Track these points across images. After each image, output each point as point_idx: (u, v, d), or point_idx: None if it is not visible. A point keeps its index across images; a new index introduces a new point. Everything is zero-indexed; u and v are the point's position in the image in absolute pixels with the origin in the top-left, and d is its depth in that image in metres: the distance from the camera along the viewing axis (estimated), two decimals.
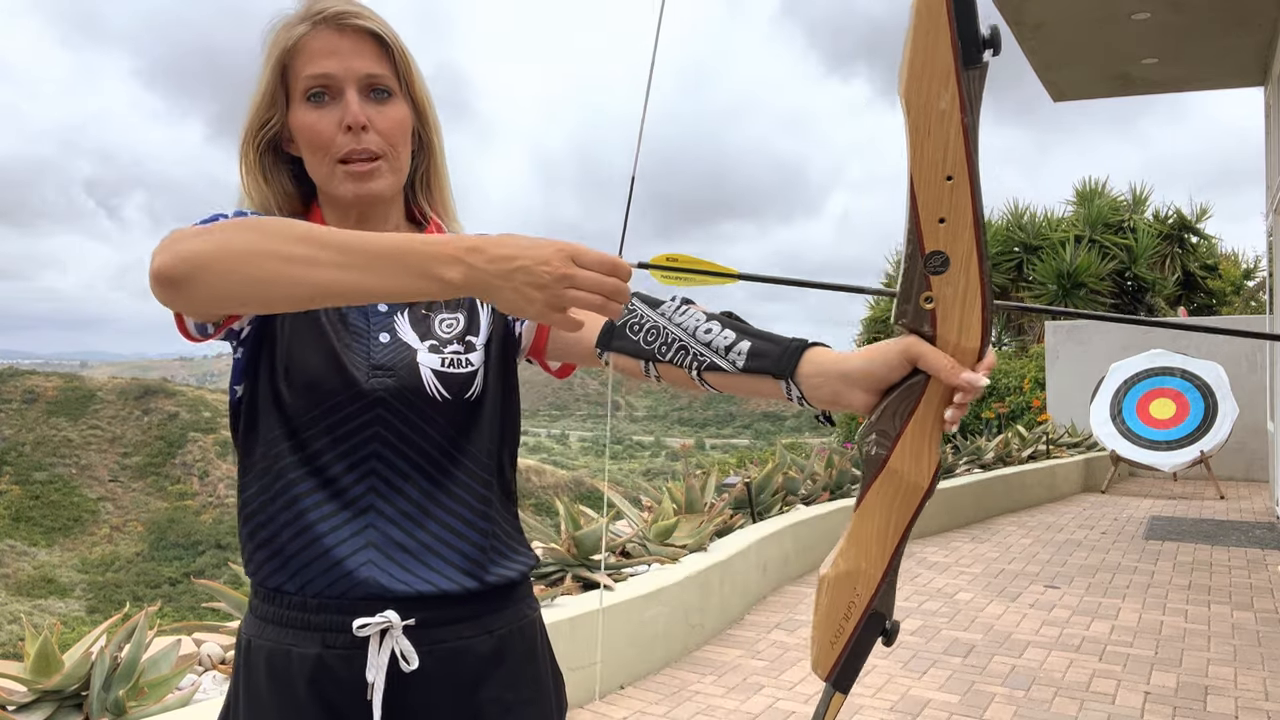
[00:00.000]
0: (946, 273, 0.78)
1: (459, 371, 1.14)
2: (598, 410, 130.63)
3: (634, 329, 1.12)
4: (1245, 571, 6.17)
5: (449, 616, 1.12)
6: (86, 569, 49.89)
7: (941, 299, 0.79)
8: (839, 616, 0.87)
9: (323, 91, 1.12)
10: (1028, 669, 4.25)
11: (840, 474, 7.24)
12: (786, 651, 4.49)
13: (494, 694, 1.15)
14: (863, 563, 0.86)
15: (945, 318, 0.80)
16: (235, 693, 1.16)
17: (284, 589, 1.11)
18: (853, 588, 0.87)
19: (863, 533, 0.86)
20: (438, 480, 1.12)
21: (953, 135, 0.75)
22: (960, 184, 0.76)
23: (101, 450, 63.06)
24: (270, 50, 1.14)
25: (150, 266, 0.91)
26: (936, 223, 0.77)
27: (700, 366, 1.06)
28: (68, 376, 73.85)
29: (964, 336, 0.81)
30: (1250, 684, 4.05)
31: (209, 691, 2.83)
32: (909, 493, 0.85)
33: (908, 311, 0.81)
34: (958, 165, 0.76)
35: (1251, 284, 15.49)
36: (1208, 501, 9.25)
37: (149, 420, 65.89)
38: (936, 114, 0.75)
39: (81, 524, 56.05)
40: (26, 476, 58.57)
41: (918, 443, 0.85)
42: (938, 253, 0.78)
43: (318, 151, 1.13)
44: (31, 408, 64.77)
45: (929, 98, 0.75)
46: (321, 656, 1.09)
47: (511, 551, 1.19)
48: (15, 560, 48.16)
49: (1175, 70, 8.46)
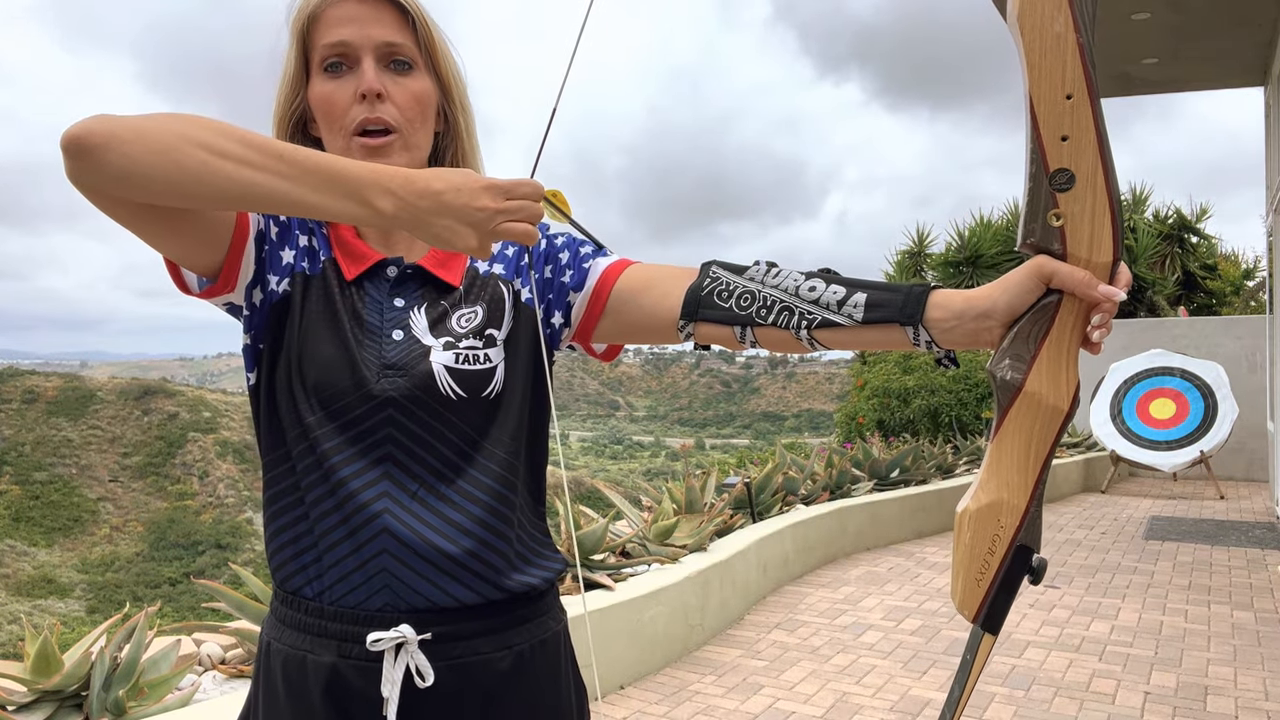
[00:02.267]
0: (1073, 189, 0.78)
1: (475, 368, 1.08)
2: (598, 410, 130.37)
3: (723, 296, 1.06)
4: (1245, 571, 6.17)
5: (467, 630, 1.07)
6: (86, 569, 49.89)
7: (1070, 215, 0.79)
8: (983, 551, 0.84)
9: (340, 61, 1.07)
10: (1028, 669, 4.25)
11: (840, 474, 7.23)
12: (786, 651, 4.49)
13: (511, 713, 1.10)
14: (1004, 493, 0.84)
15: (1075, 234, 0.80)
16: (255, 694, 1.14)
17: (302, 593, 1.08)
18: (996, 519, 0.84)
19: (1003, 461, 0.84)
20: (455, 484, 1.07)
21: (1070, 55, 0.76)
22: (1080, 102, 0.77)
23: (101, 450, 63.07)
24: (292, 23, 1.10)
25: (63, 134, 0.84)
26: (1059, 140, 0.77)
27: (811, 324, 1.01)
28: (68, 376, 73.84)
29: (1095, 252, 0.80)
30: (1250, 684, 4.04)
31: (209, 691, 2.83)
32: (1049, 416, 0.83)
33: (1035, 230, 0.81)
34: (1077, 84, 0.76)
35: (1251, 284, 15.49)
36: (1208, 501, 9.25)
37: (149, 420, 65.89)
38: (1053, 36, 0.76)
39: (81, 524, 56.05)
40: (26, 476, 58.57)
41: (1055, 365, 0.83)
42: (1063, 170, 0.78)
43: (333, 124, 1.08)
44: (31, 408, 64.77)
45: (1044, 20, 0.76)
46: (337, 666, 1.05)
47: (536, 557, 1.13)
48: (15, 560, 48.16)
49: (1175, 70, 8.46)
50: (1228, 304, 15.30)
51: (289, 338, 1.08)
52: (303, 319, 1.08)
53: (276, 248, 1.10)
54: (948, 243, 16.48)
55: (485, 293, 1.14)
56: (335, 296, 1.10)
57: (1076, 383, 0.83)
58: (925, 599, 5.45)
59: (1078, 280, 0.82)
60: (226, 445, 63.11)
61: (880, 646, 4.58)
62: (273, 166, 0.87)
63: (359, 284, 1.11)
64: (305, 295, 1.09)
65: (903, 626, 4.91)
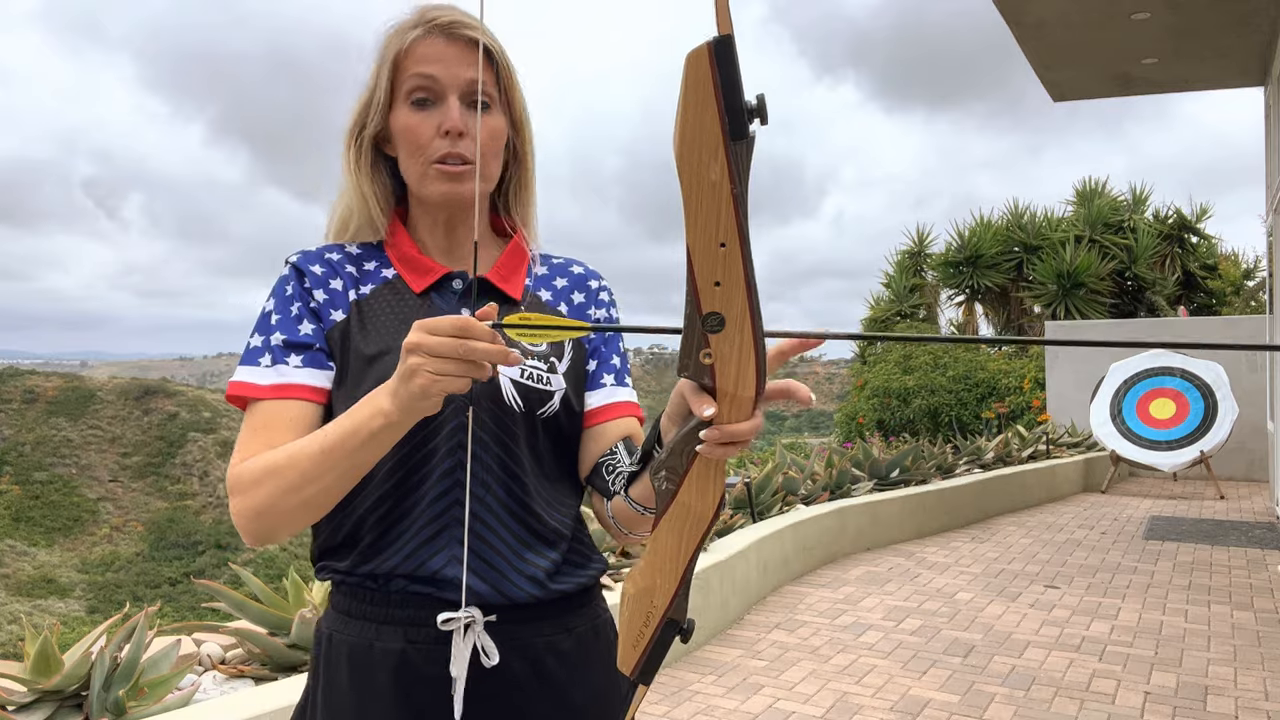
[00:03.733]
0: (723, 331, 0.85)
1: (538, 387, 1.17)
2: None
3: (609, 469, 1.18)
4: (1245, 571, 6.17)
5: (529, 615, 1.15)
6: (86, 569, 49.87)
7: (719, 354, 0.86)
8: (639, 624, 0.97)
9: (426, 95, 1.16)
10: (1028, 669, 4.25)
11: (840, 474, 7.24)
12: (786, 651, 4.49)
13: (572, 692, 1.17)
14: (658, 579, 0.96)
15: (723, 371, 0.87)
16: (313, 689, 1.19)
17: (366, 585, 1.14)
18: (650, 600, 0.97)
19: (658, 553, 0.96)
20: (517, 488, 1.15)
21: (724, 205, 0.79)
22: (732, 250, 0.81)
23: (101, 450, 63.06)
24: (384, 52, 1.18)
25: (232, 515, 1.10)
26: (713, 285, 0.83)
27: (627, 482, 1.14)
28: (68, 376, 73.82)
29: (740, 387, 0.87)
30: (1250, 684, 4.05)
31: (209, 691, 2.83)
32: (697, 520, 0.94)
33: (689, 365, 0.88)
34: (729, 233, 0.80)
35: (1251, 284, 15.49)
36: (1208, 501, 9.25)
37: (149, 420, 65.86)
38: (709, 185, 0.79)
39: (81, 524, 56.04)
40: (26, 476, 58.55)
41: (703, 479, 0.93)
42: (715, 313, 0.84)
43: (415, 153, 1.17)
44: (31, 408, 64.75)
45: (700, 169, 0.79)
46: (405, 651, 1.11)
47: (587, 561, 1.23)
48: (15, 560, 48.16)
49: (1175, 70, 8.46)
50: (1228, 304, 15.30)
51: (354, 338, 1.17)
52: (372, 322, 1.17)
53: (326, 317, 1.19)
54: (948, 243, 16.48)
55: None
56: (405, 308, 1.19)
57: (722, 492, 0.95)
58: (925, 599, 5.45)
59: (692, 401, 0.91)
60: (226, 445, 63.03)
61: (880, 646, 4.58)
62: (328, 467, 1.03)
63: (426, 295, 1.20)
64: (364, 314, 1.19)
65: (903, 626, 4.91)
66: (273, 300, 1.19)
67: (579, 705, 1.18)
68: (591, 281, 1.32)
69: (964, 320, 16.85)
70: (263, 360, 1.15)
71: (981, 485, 8.28)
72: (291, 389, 1.14)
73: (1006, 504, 8.58)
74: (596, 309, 1.31)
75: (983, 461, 8.90)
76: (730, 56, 0.76)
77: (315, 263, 1.21)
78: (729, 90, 0.77)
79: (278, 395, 1.13)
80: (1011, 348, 15.84)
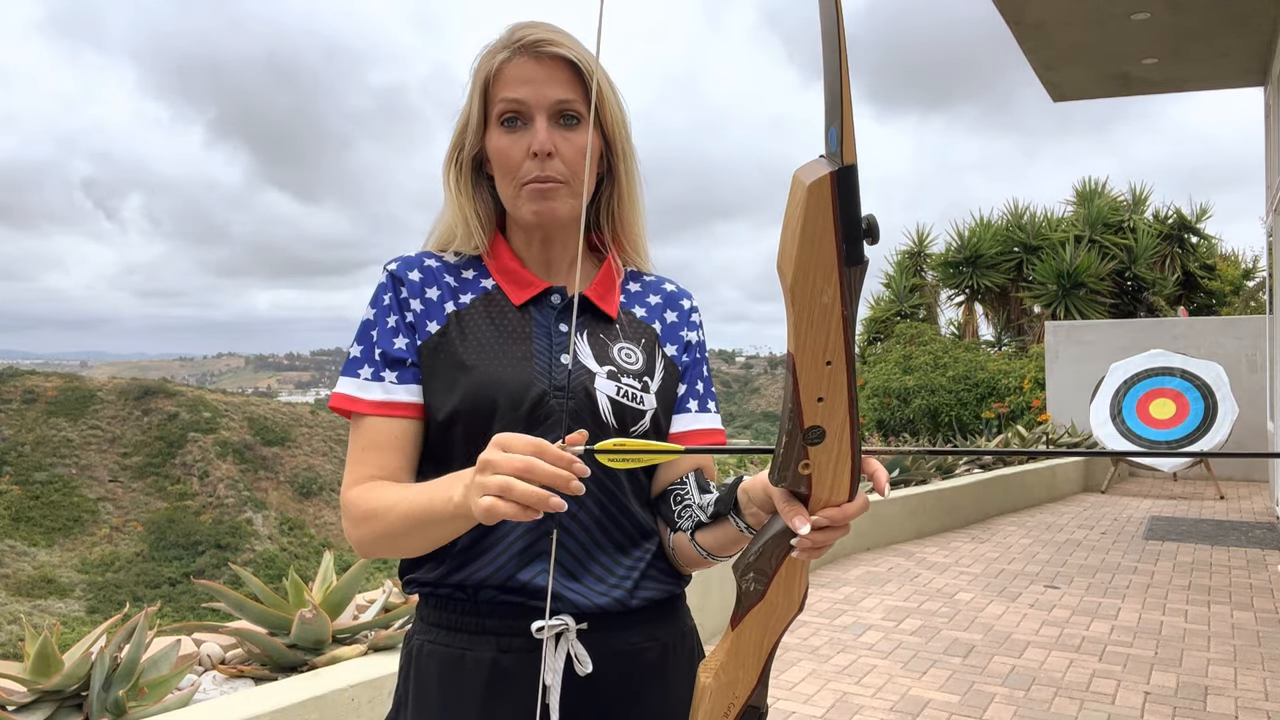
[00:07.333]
0: (822, 443, 0.87)
1: (633, 405, 1.19)
2: None
3: (677, 499, 1.21)
4: (1245, 571, 6.17)
5: (619, 624, 1.17)
6: (86, 569, 49.86)
7: (817, 465, 0.89)
8: (720, 714, 1.00)
9: (515, 117, 1.17)
10: (1028, 669, 4.25)
11: None
12: (786, 651, 4.48)
13: (658, 702, 1.18)
14: (739, 673, 1.00)
15: (819, 481, 0.90)
16: (404, 698, 1.20)
17: (455, 596, 1.15)
18: (733, 692, 1.00)
19: (741, 649, 0.99)
20: (608, 502, 1.17)
21: (834, 327, 0.82)
22: (838, 368, 0.84)
23: (101, 450, 63.02)
24: (475, 77, 1.19)
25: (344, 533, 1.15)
26: (815, 401, 0.85)
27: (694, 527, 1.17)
28: (68, 376, 73.80)
29: (835, 494, 0.91)
30: (1250, 684, 4.05)
31: (209, 691, 2.83)
32: (781, 616, 0.99)
33: (787, 477, 0.90)
34: (836, 352, 0.83)
35: (1251, 284, 15.49)
36: (1208, 502, 9.26)
37: (149, 420, 65.81)
38: (820, 307, 0.81)
39: (81, 524, 56.01)
40: (26, 476, 58.52)
41: (789, 577, 0.97)
42: (816, 427, 0.86)
43: (507, 175, 1.18)
44: (31, 408, 64.71)
45: (813, 292, 0.81)
46: (497, 660, 1.13)
47: (673, 573, 1.27)
48: (15, 560, 48.14)
49: (1175, 70, 8.46)
50: (1228, 304, 15.30)
51: (450, 357, 1.18)
52: (467, 339, 1.19)
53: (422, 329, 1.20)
54: (948, 243, 16.49)
55: (641, 337, 1.26)
56: (503, 320, 1.20)
57: (807, 584, 1.00)
58: (925, 599, 5.45)
59: (784, 512, 0.94)
60: (226, 445, 63.02)
61: (880, 646, 4.58)
62: (409, 528, 1.07)
63: (525, 309, 1.22)
64: (463, 323, 1.20)
65: (903, 626, 4.91)
66: (372, 310, 1.21)
67: (665, 714, 1.18)
68: (684, 301, 1.33)
69: (964, 320, 16.86)
70: (362, 373, 1.17)
71: (981, 485, 8.28)
72: (392, 407, 1.16)
73: (1006, 504, 8.59)
74: (688, 330, 1.31)
75: (983, 462, 8.90)
76: (852, 186, 0.78)
77: (414, 269, 1.22)
78: (848, 221, 0.78)
79: (379, 412, 1.15)
80: (1011, 347, 15.85)
